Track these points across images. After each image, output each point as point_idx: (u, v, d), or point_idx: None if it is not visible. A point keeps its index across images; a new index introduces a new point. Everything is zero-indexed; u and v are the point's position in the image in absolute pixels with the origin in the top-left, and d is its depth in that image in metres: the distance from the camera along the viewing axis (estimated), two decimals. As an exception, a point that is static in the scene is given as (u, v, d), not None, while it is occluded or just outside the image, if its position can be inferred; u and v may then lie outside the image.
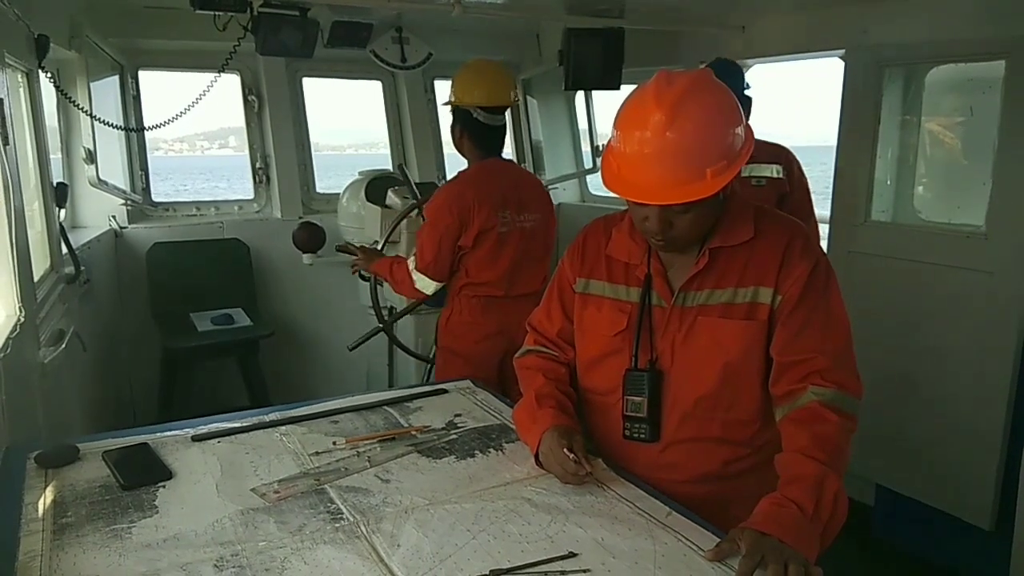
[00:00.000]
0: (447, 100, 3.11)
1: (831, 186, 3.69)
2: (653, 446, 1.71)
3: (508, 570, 1.31)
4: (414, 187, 3.63)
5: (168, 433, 1.92)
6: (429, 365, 3.70)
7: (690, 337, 1.66)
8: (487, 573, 1.31)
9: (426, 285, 3.05)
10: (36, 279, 2.61)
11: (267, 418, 2.02)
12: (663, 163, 1.46)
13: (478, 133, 3.05)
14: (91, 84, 3.67)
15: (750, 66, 4.02)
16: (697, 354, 1.66)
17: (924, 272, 3.25)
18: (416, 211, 3.49)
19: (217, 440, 1.88)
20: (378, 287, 3.68)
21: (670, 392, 1.69)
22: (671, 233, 1.57)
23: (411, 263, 3.05)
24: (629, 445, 1.73)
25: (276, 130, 4.69)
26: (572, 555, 1.36)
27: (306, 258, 4.23)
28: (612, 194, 4.90)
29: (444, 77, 5.13)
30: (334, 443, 1.86)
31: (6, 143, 2.23)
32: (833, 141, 3.66)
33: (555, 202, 3.77)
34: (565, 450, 1.63)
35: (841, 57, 3.60)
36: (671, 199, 1.50)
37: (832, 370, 1.57)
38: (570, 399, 1.83)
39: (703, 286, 1.65)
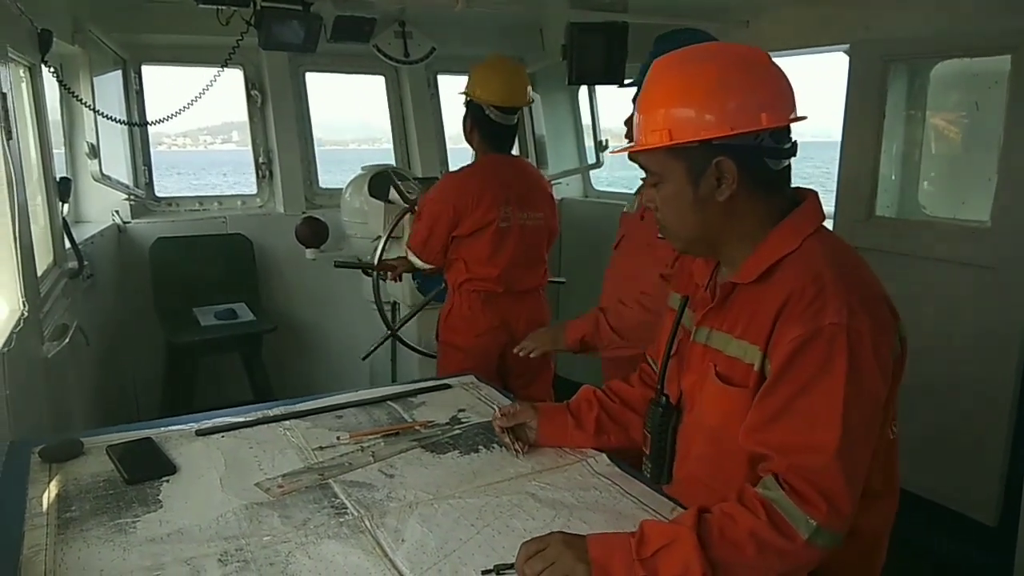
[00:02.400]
0: (463, 91, 3.11)
1: (835, 182, 3.68)
2: (667, 488, 1.59)
3: (512, 565, 1.31)
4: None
5: (172, 427, 1.92)
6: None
7: (704, 385, 1.48)
8: (491, 568, 1.31)
9: (415, 261, 3.16)
10: (39, 274, 2.61)
11: (271, 413, 2.02)
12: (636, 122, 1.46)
13: (489, 130, 3.06)
14: (94, 79, 3.67)
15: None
16: (700, 407, 1.49)
17: (929, 267, 3.24)
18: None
19: (221, 435, 1.88)
20: (380, 283, 3.69)
21: (680, 440, 1.56)
22: (657, 215, 1.48)
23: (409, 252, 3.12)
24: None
25: (279, 125, 4.68)
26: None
27: (309, 253, 4.23)
28: (615, 189, 4.89)
29: (447, 71, 5.13)
30: (338, 438, 1.86)
31: (9, 138, 2.23)
32: (837, 136, 3.66)
33: (558, 197, 3.77)
34: (508, 434, 1.79)
35: (846, 52, 3.58)
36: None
37: (791, 475, 1.24)
38: (605, 408, 1.79)
39: (719, 326, 1.46)
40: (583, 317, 2.49)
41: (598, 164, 5.42)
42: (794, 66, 3.24)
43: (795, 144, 1.42)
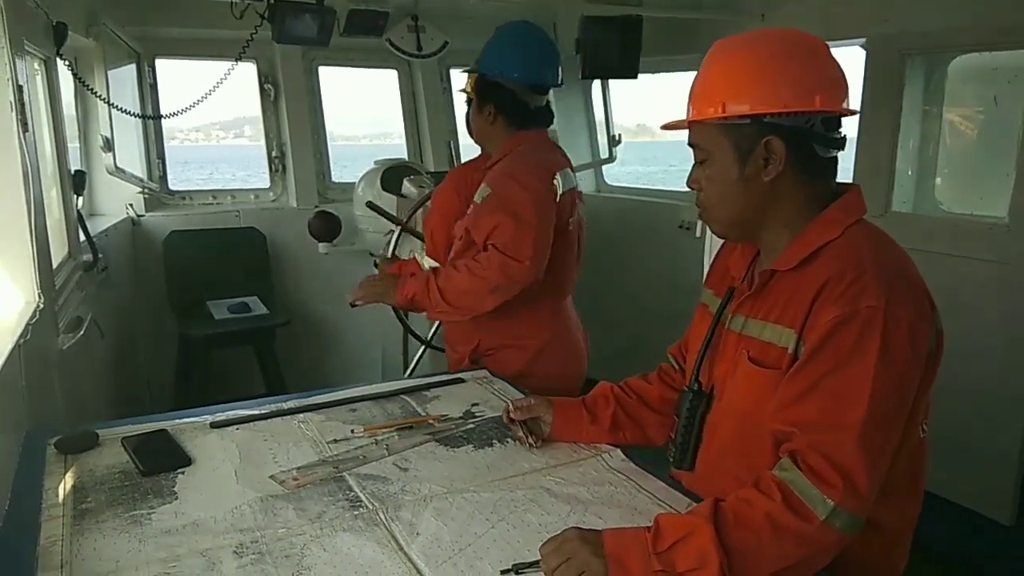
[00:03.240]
0: (464, 88, 3.09)
1: (851, 177, 3.65)
2: (688, 476, 1.59)
3: (532, 563, 1.30)
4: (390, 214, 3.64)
5: (186, 420, 1.93)
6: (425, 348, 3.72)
7: (736, 371, 1.47)
8: (510, 567, 1.29)
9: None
10: (55, 266, 2.62)
11: (285, 406, 2.02)
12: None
13: None
14: (108, 72, 3.68)
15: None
16: (731, 394, 1.49)
17: (945, 264, 3.20)
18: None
19: (236, 427, 1.88)
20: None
21: (708, 426, 1.55)
22: (700, 196, 1.48)
23: (422, 257, 3.06)
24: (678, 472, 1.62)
25: (292, 119, 4.69)
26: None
27: (322, 247, 4.23)
28: (627, 184, 4.86)
29: (459, 66, 5.10)
30: (352, 431, 1.86)
31: (25, 130, 2.24)
32: (853, 131, 3.63)
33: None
34: (521, 428, 1.79)
35: (862, 46, 3.55)
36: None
37: (810, 453, 1.24)
38: (622, 405, 1.79)
39: (755, 314, 1.45)
40: (416, 276, 2.48)
41: (611, 159, 5.40)
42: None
43: (844, 138, 1.42)
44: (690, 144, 1.47)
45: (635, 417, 1.78)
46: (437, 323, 3.73)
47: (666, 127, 1.55)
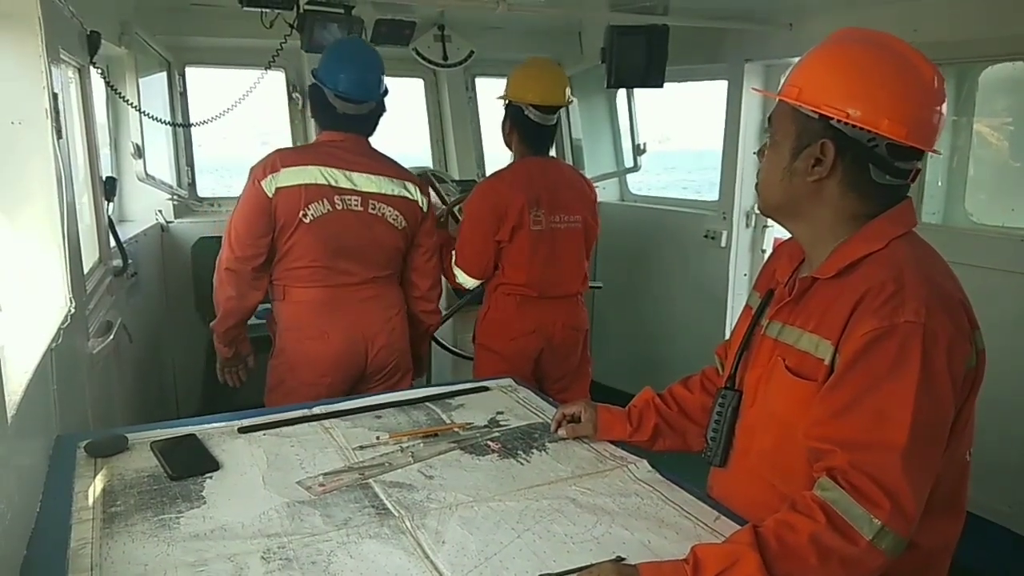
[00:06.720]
0: (501, 95, 3.12)
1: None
2: (724, 479, 1.58)
3: (558, 575, 1.29)
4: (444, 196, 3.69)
5: (214, 424, 1.94)
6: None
7: (771, 379, 1.46)
8: (536, 579, 1.29)
9: (465, 280, 3.09)
10: (85, 271, 2.65)
11: (312, 411, 2.04)
12: None
13: (528, 131, 3.06)
14: (139, 80, 3.73)
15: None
16: (767, 401, 1.47)
17: (976, 276, 3.12)
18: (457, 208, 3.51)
19: (263, 432, 1.90)
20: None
21: (743, 433, 1.54)
22: (758, 171, 1.50)
23: (453, 256, 3.07)
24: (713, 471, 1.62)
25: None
26: (620, 559, 1.34)
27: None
28: (652, 194, 4.85)
29: (485, 75, 5.13)
30: (377, 438, 1.87)
31: (59, 137, 2.27)
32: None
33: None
34: (563, 425, 1.87)
35: (892, 55, 3.52)
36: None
37: (853, 472, 1.21)
38: (663, 416, 1.80)
39: (792, 321, 1.43)
40: None
41: (635, 168, 5.38)
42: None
43: (910, 172, 1.38)
44: (768, 119, 1.48)
45: (675, 427, 1.79)
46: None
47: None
